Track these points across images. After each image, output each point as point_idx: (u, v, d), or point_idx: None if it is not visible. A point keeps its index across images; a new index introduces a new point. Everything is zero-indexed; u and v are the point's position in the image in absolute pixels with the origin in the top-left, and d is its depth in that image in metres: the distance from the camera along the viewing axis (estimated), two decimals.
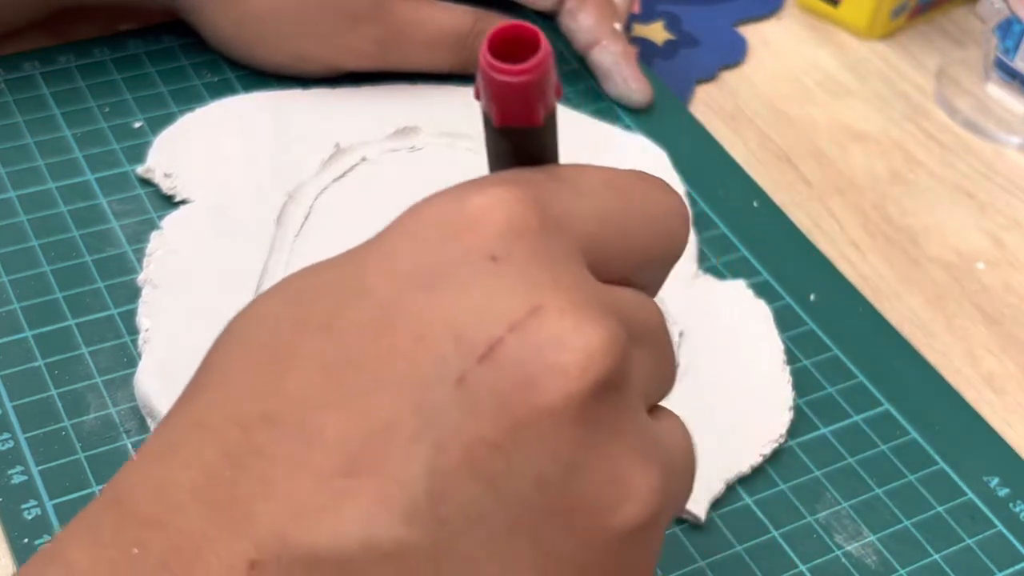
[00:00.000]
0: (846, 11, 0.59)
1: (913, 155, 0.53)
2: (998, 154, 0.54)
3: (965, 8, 0.62)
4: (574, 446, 0.22)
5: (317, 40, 0.48)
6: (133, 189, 0.44)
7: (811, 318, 0.44)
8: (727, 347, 0.42)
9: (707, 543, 0.36)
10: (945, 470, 0.39)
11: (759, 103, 0.55)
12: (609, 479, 0.23)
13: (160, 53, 0.50)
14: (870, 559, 0.36)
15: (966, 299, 0.47)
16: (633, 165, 0.48)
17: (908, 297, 0.46)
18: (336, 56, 0.48)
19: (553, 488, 0.22)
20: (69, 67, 0.49)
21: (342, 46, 0.48)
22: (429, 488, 0.21)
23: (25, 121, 0.46)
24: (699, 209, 0.47)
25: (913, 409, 0.41)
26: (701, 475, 0.37)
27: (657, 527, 0.24)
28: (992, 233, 0.50)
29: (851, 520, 0.37)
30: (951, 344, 0.45)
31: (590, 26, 0.51)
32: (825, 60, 0.58)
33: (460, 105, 0.50)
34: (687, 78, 0.55)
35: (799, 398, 0.41)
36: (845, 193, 0.51)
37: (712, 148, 0.51)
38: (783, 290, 0.44)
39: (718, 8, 0.59)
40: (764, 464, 0.38)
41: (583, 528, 0.22)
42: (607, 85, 0.51)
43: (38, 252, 0.41)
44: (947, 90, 0.56)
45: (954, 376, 0.43)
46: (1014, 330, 0.46)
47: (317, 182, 0.44)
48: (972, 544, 0.37)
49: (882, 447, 0.40)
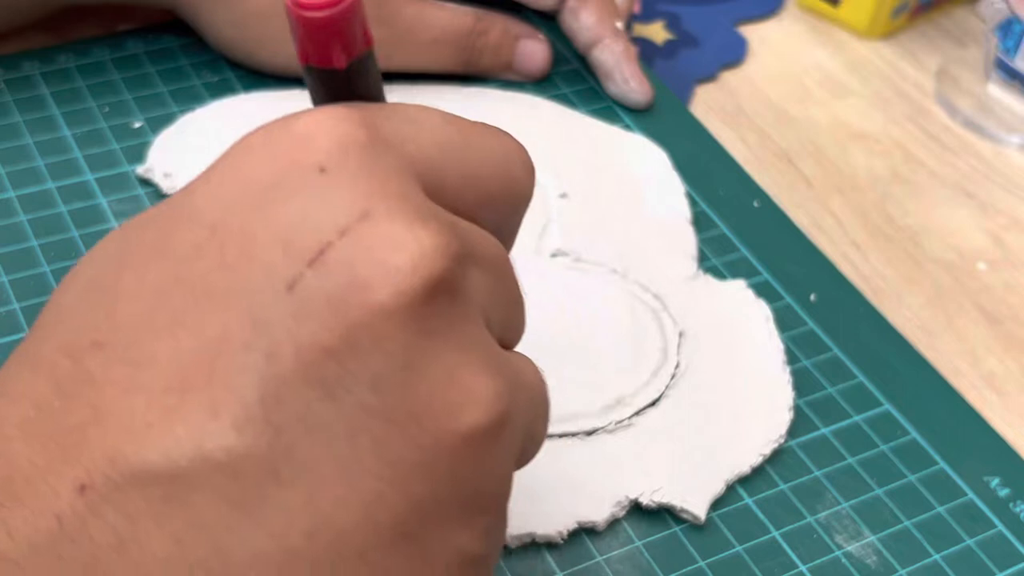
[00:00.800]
0: (846, 11, 0.59)
1: (914, 155, 0.53)
2: (998, 154, 0.54)
3: (965, 8, 0.62)
4: (408, 347, 0.22)
5: None
6: (133, 189, 0.44)
7: (811, 318, 0.44)
8: (727, 347, 0.42)
9: (707, 543, 0.36)
10: (945, 470, 0.39)
11: (759, 103, 0.55)
12: (448, 383, 0.22)
13: (160, 53, 0.50)
14: (870, 559, 0.36)
15: (967, 299, 0.47)
16: (633, 165, 0.49)
17: (909, 297, 0.46)
18: None
19: (391, 391, 0.22)
20: (69, 67, 0.49)
21: None
22: (262, 396, 0.21)
23: (25, 121, 0.46)
24: (699, 209, 0.47)
25: (913, 409, 0.41)
26: (701, 475, 0.38)
27: (502, 439, 0.23)
28: (993, 233, 0.50)
29: (851, 520, 0.37)
30: (951, 344, 0.45)
31: (592, 25, 0.51)
32: (825, 60, 0.58)
33: (460, 105, 0.50)
34: (687, 78, 0.55)
35: (799, 398, 0.41)
36: (845, 193, 0.51)
37: (712, 148, 0.51)
38: (783, 290, 0.44)
39: (718, 8, 0.59)
40: (764, 464, 0.38)
41: (425, 433, 0.22)
42: (608, 84, 0.51)
43: (38, 252, 0.41)
44: (947, 90, 0.56)
45: (954, 376, 0.43)
46: (1015, 330, 0.46)
47: None
48: (972, 544, 0.37)
49: (882, 447, 0.40)
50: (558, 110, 0.50)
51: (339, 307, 0.21)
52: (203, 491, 0.21)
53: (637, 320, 0.42)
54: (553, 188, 0.46)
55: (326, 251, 0.22)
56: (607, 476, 0.37)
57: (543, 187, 0.46)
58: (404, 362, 0.22)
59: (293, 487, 0.21)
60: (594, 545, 0.36)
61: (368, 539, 0.22)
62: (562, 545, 0.35)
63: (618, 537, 0.36)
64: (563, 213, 0.45)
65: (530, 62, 0.51)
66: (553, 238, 0.44)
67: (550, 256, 0.44)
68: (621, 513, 0.36)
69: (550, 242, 0.44)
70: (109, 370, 0.22)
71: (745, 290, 0.44)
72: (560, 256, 0.44)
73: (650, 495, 0.36)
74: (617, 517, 0.36)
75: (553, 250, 0.44)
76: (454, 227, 0.23)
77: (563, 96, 0.51)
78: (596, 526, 0.36)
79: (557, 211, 0.45)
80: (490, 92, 0.51)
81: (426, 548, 0.22)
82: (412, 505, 0.22)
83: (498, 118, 0.50)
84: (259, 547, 0.21)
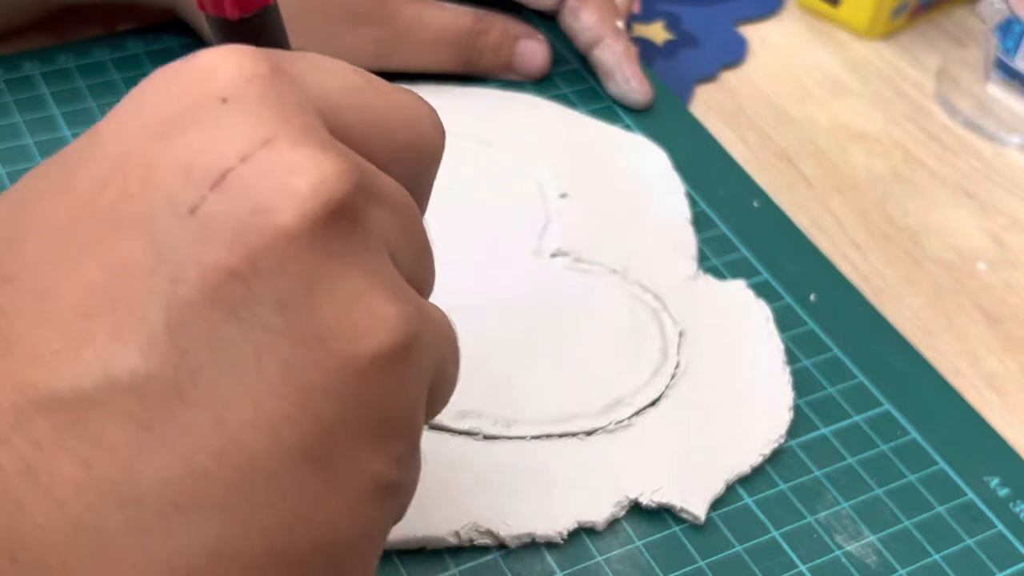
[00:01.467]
0: (846, 11, 0.59)
1: (913, 155, 0.53)
2: (998, 154, 0.54)
3: (965, 8, 0.62)
4: (312, 269, 0.22)
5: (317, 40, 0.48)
6: None
7: (811, 318, 0.44)
8: (727, 347, 0.42)
9: (707, 543, 0.36)
10: (945, 470, 0.39)
11: (759, 103, 0.55)
12: (354, 305, 0.22)
13: (160, 53, 0.50)
14: (870, 559, 0.36)
15: (967, 299, 0.47)
16: (633, 165, 0.49)
17: (909, 297, 0.46)
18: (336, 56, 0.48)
19: (296, 312, 0.22)
20: (69, 67, 0.49)
21: (342, 46, 0.48)
22: (167, 319, 0.21)
23: (25, 121, 0.46)
24: (699, 209, 0.47)
25: (913, 409, 0.41)
26: (701, 475, 0.38)
27: (410, 364, 0.23)
28: (993, 233, 0.50)
29: (851, 520, 0.37)
30: (951, 344, 0.45)
31: (593, 24, 0.51)
32: (825, 60, 0.58)
33: (460, 105, 0.50)
34: (687, 78, 0.55)
35: (799, 398, 0.41)
36: (845, 193, 0.51)
37: (712, 148, 0.51)
38: (783, 290, 0.44)
39: (718, 8, 0.59)
40: (764, 464, 0.38)
41: (332, 355, 0.22)
42: (609, 84, 0.51)
43: None
44: (947, 90, 0.56)
45: (954, 376, 0.43)
46: (1015, 330, 0.46)
47: None
48: (972, 544, 0.37)
49: (882, 447, 0.40)
50: (558, 110, 0.50)
51: (241, 230, 0.22)
52: (110, 414, 0.21)
53: (637, 320, 0.42)
54: (553, 188, 0.46)
55: (227, 176, 0.22)
56: (607, 476, 0.37)
57: (543, 187, 0.46)
58: (308, 284, 0.22)
59: (199, 409, 0.22)
60: (594, 545, 0.36)
61: (276, 460, 0.22)
62: (562, 545, 0.35)
63: (618, 537, 0.36)
64: (563, 213, 0.45)
65: (530, 62, 0.51)
66: (553, 238, 0.44)
67: (550, 256, 0.44)
68: (621, 513, 0.36)
69: (550, 242, 0.44)
70: (17, 303, 0.22)
71: (745, 290, 0.44)
72: (560, 256, 0.44)
73: (650, 495, 0.36)
74: (617, 517, 0.36)
75: (553, 250, 0.44)
76: (356, 160, 0.24)
77: (563, 96, 0.51)
78: (596, 526, 0.36)
79: (557, 211, 0.45)
80: (490, 92, 0.51)
81: (337, 472, 0.23)
82: (321, 428, 0.22)
83: (498, 118, 0.50)
84: (168, 470, 0.21)
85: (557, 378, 0.39)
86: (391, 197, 0.25)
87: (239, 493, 0.22)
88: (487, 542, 0.35)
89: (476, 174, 0.47)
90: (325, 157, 0.22)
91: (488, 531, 0.35)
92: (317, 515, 0.23)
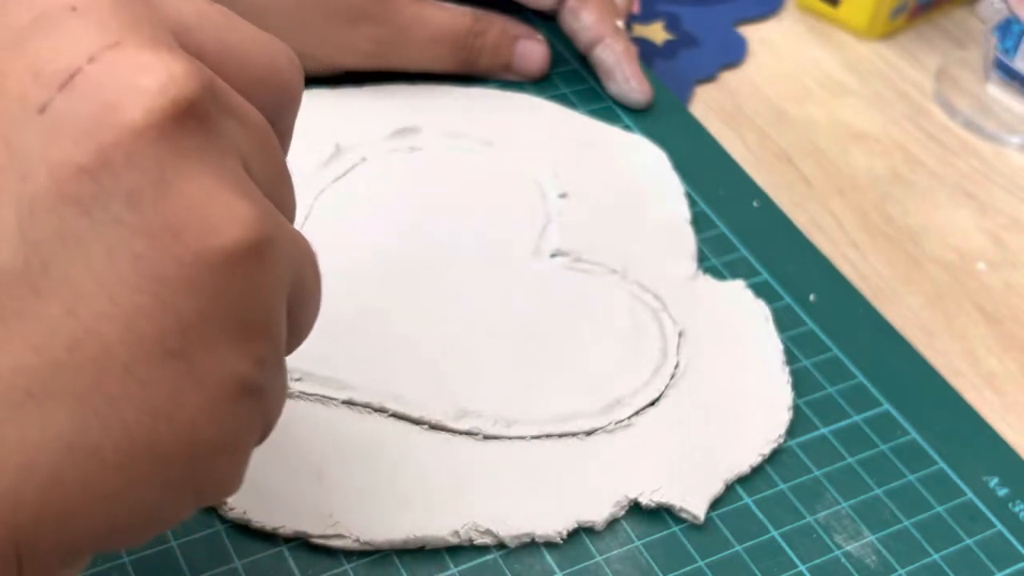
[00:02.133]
0: (846, 11, 0.59)
1: (913, 155, 0.53)
2: (998, 154, 0.54)
3: (965, 8, 0.62)
4: (162, 164, 0.22)
5: (317, 39, 0.48)
6: None
7: (811, 318, 0.44)
8: (727, 347, 0.42)
9: (707, 543, 0.36)
10: (945, 470, 0.39)
11: (759, 103, 0.55)
12: (206, 201, 0.23)
13: None
14: (870, 559, 0.36)
15: (966, 299, 0.47)
16: (633, 165, 0.49)
17: (908, 297, 0.46)
18: (336, 55, 0.48)
19: (147, 206, 0.22)
20: None
21: (342, 45, 0.48)
22: (18, 215, 0.22)
23: None
24: (699, 209, 0.47)
25: (913, 409, 0.41)
26: (700, 475, 0.38)
27: (265, 264, 0.24)
28: (992, 233, 0.50)
29: (851, 520, 0.37)
30: (951, 344, 0.45)
31: (593, 24, 0.51)
32: (825, 60, 0.58)
33: (460, 105, 0.50)
34: (687, 78, 0.55)
35: (799, 398, 0.41)
36: (845, 193, 0.51)
37: (712, 148, 0.51)
38: (783, 290, 0.44)
39: (718, 8, 0.59)
40: (764, 464, 0.38)
41: (185, 248, 0.22)
42: (609, 83, 0.51)
43: None
44: (947, 90, 0.56)
45: (954, 376, 0.43)
46: (1014, 330, 0.46)
47: (317, 182, 0.44)
48: (972, 544, 0.37)
49: (882, 447, 0.40)
50: (558, 110, 0.50)
51: (90, 127, 0.22)
52: None
53: (637, 320, 0.42)
54: (553, 188, 0.46)
55: (76, 76, 0.22)
56: (607, 476, 0.37)
57: (543, 187, 0.46)
58: (158, 178, 0.22)
59: (51, 300, 0.22)
60: (593, 545, 0.36)
61: (133, 352, 0.22)
62: (561, 545, 0.35)
63: (617, 537, 0.36)
64: (563, 213, 0.45)
65: (529, 62, 0.51)
66: (553, 238, 0.44)
67: (550, 256, 0.44)
68: (620, 513, 0.36)
69: (550, 242, 0.44)
70: None
71: (744, 290, 0.44)
72: (560, 256, 0.44)
73: (649, 495, 0.36)
74: (616, 517, 0.36)
75: (553, 250, 0.44)
76: (206, 70, 0.24)
77: (563, 96, 0.52)
78: (595, 526, 0.36)
79: (557, 211, 0.45)
80: (490, 92, 0.51)
81: (195, 366, 0.23)
82: (176, 320, 0.23)
83: (498, 118, 0.50)
84: (23, 360, 0.22)
85: (557, 378, 0.39)
86: (246, 116, 0.25)
87: (94, 384, 0.22)
88: (487, 542, 0.35)
89: (476, 174, 0.47)
90: (173, 58, 0.23)
91: (488, 531, 0.35)
92: (177, 412, 0.23)
